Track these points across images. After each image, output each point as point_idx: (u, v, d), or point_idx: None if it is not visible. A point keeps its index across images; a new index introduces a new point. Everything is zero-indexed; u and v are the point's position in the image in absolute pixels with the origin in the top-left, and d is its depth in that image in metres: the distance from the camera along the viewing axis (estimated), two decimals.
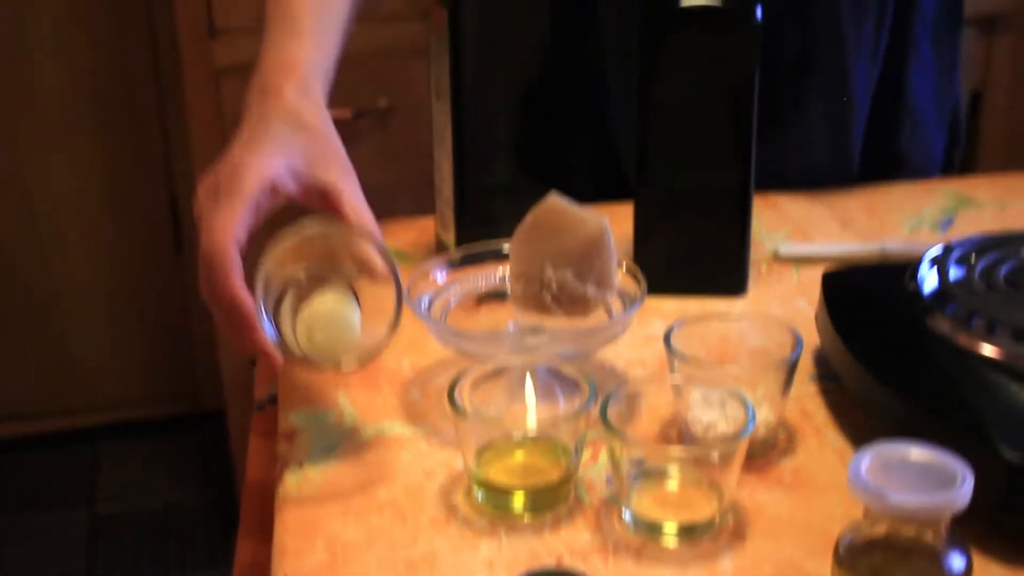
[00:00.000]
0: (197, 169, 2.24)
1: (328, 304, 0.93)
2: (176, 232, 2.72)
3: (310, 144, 0.98)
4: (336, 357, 0.93)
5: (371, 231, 0.94)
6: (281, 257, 0.92)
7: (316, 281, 0.95)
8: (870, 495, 0.72)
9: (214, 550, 2.55)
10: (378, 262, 0.93)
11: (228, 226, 0.90)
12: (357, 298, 0.95)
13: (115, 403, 2.86)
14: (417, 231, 1.32)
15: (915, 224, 1.33)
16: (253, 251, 0.93)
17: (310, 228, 0.93)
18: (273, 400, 1.26)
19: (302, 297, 0.94)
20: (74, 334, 2.79)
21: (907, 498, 0.71)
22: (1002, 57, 2.45)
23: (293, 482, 0.94)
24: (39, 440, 2.83)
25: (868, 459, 0.74)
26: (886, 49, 1.38)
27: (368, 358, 0.94)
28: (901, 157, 1.44)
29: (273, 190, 0.94)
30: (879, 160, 1.43)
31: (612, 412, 0.87)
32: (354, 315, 0.93)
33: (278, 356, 0.91)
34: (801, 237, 1.30)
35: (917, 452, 0.75)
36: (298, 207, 0.97)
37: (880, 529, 0.74)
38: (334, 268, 0.95)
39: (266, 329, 0.90)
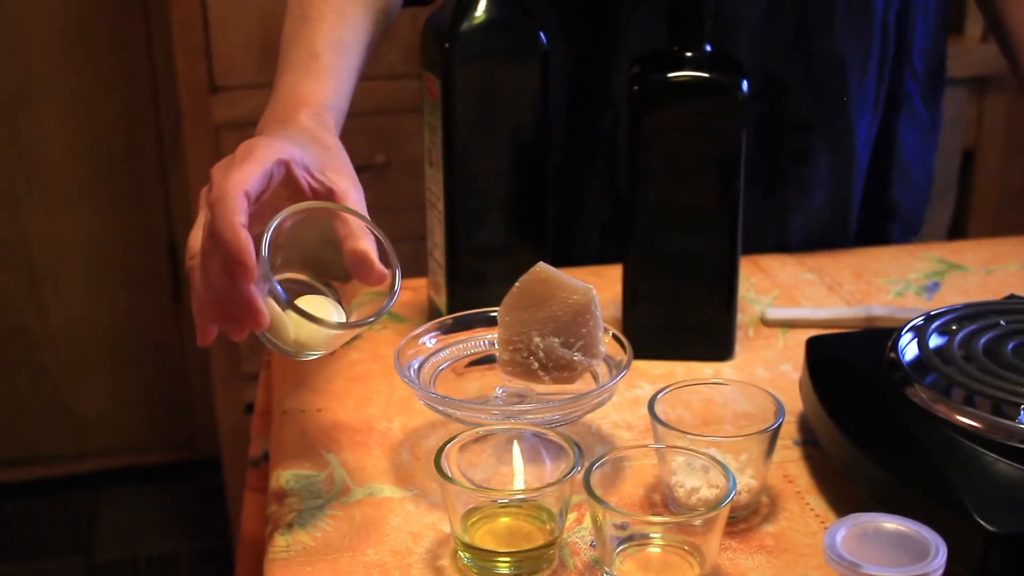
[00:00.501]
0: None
1: (320, 309, 0.94)
2: (175, 281, 2.74)
3: (325, 154, 0.99)
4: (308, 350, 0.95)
5: (370, 221, 0.94)
6: (283, 230, 0.92)
7: (304, 289, 0.96)
8: (845, 568, 0.74)
9: None
10: (375, 263, 0.93)
11: (240, 179, 0.89)
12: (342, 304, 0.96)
13: (113, 450, 2.87)
14: (410, 292, 1.34)
15: (902, 289, 1.35)
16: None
17: (310, 203, 0.93)
18: (267, 457, 1.27)
19: (293, 293, 0.94)
20: (72, 381, 2.81)
21: (882, 571, 0.73)
22: (994, 118, 2.48)
23: (282, 543, 0.96)
24: (37, 486, 2.84)
25: (844, 530, 0.76)
26: (883, 105, 1.41)
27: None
28: (893, 207, 1.47)
29: (287, 170, 0.94)
30: (873, 210, 1.46)
31: (596, 478, 0.89)
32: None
33: (263, 312, 0.89)
34: (788, 301, 1.32)
35: (892, 523, 0.77)
36: None
37: None
38: (327, 274, 0.97)
39: (275, 288, 0.89)
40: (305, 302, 0.94)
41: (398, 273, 0.94)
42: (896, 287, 1.35)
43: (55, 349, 2.77)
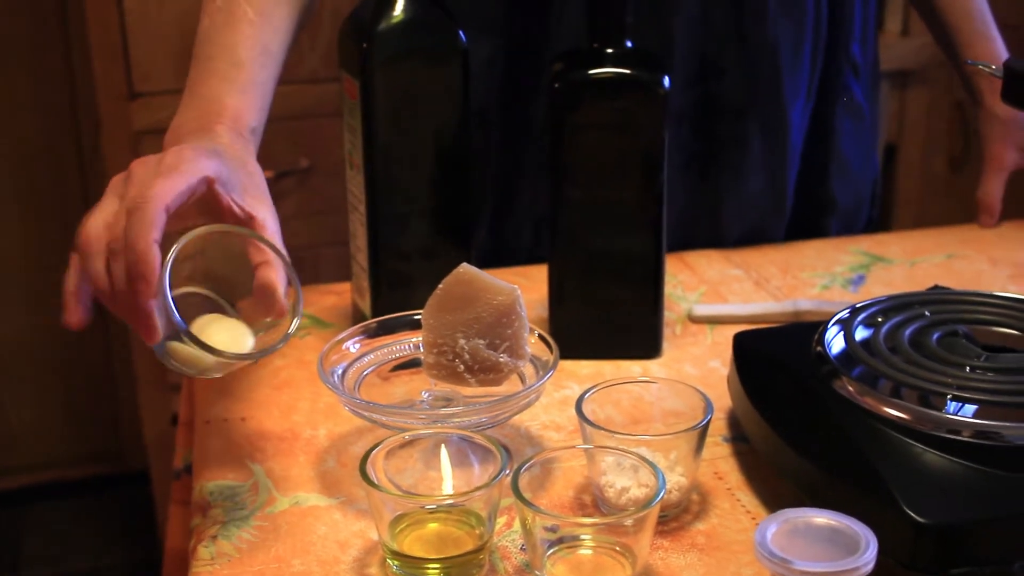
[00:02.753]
0: None
1: (230, 330, 0.93)
2: None
3: (247, 178, 0.99)
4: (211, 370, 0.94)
5: (284, 256, 0.94)
6: (191, 251, 0.92)
7: (209, 305, 0.95)
8: (776, 564, 0.73)
9: None
10: (279, 298, 0.93)
11: (164, 192, 0.89)
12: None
13: (39, 465, 2.83)
14: (335, 296, 1.32)
15: (828, 282, 1.35)
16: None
17: (224, 225, 0.93)
18: (188, 469, 1.25)
19: (196, 312, 0.94)
20: None
21: (812, 567, 0.72)
22: (916, 111, 2.50)
23: (206, 555, 0.94)
24: None
25: (774, 526, 0.76)
26: (817, 94, 1.41)
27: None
28: (831, 201, 1.47)
29: (208, 187, 0.93)
30: (810, 203, 1.46)
31: (524, 480, 0.88)
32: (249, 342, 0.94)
33: (157, 330, 0.88)
34: (715, 297, 1.32)
35: (822, 518, 0.76)
36: None
37: None
38: (219, 299, 0.96)
39: (169, 308, 0.88)
40: (213, 322, 0.93)
41: (300, 299, 0.94)
42: (822, 280, 1.35)
43: None
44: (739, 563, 0.91)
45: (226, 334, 0.93)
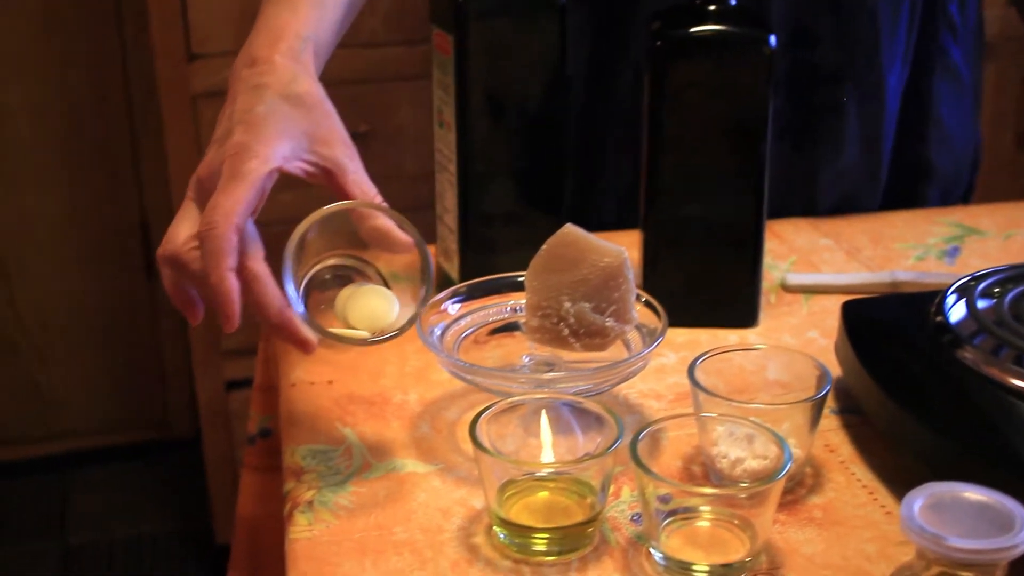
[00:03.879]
0: (175, 196, 2.20)
1: (370, 299, 0.91)
2: (147, 258, 2.68)
3: (310, 121, 0.95)
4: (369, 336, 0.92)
5: (382, 205, 0.91)
6: (308, 240, 0.90)
7: (348, 275, 0.94)
8: (926, 539, 0.69)
9: None
10: (397, 233, 0.90)
11: (232, 209, 0.87)
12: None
13: (84, 431, 2.81)
14: (414, 255, 1.29)
15: (922, 253, 1.31)
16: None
17: (320, 212, 0.90)
18: (264, 434, 1.23)
19: (337, 284, 0.93)
20: (43, 361, 2.74)
21: (967, 543, 0.69)
22: (984, 88, 2.45)
23: (304, 521, 0.91)
24: (6, 469, 2.77)
25: (921, 499, 0.72)
26: (914, 57, 1.37)
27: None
28: (929, 167, 1.43)
29: (279, 172, 0.92)
30: (907, 170, 1.42)
31: (639, 448, 0.84)
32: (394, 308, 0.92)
33: (312, 344, 0.88)
34: (807, 267, 1.28)
35: (972, 493, 0.72)
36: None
37: (932, 573, 0.71)
38: (360, 266, 0.94)
39: (294, 306, 0.87)
40: (356, 293, 0.92)
41: (429, 257, 0.92)
42: (916, 252, 1.31)
43: (24, 329, 2.70)
44: (860, 538, 0.87)
45: (371, 305, 0.90)
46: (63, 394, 2.77)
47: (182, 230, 0.91)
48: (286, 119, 0.93)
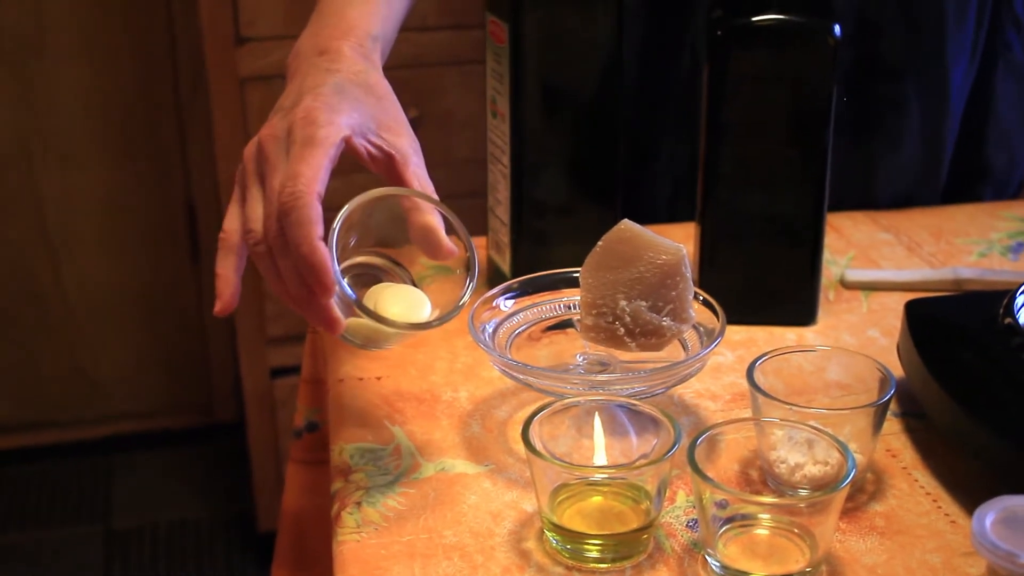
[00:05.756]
0: (222, 178, 2.19)
1: (401, 297, 0.89)
2: (194, 241, 2.67)
3: (379, 108, 0.93)
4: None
5: (436, 200, 0.89)
6: (354, 220, 0.87)
7: (376, 275, 0.91)
8: (1000, 556, 0.67)
9: (232, 565, 2.50)
10: (442, 238, 0.88)
11: (314, 177, 0.84)
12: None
13: (130, 414, 2.81)
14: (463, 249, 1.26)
15: (985, 249, 1.27)
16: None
17: (380, 190, 0.88)
18: (311, 428, 1.21)
19: (366, 283, 0.90)
20: (88, 344, 2.74)
21: None
22: None
23: (352, 522, 0.89)
24: (52, 451, 2.77)
25: (993, 514, 0.69)
26: (981, 52, 1.34)
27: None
28: (986, 167, 1.39)
29: (347, 144, 0.89)
30: (966, 168, 1.39)
31: (696, 453, 0.82)
32: (425, 307, 0.90)
33: (339, 322, 0.85)
34: (866, 262, 1.25)
35: None
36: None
37: None
38: (391, 267, 0.91)
39: (344, 290, 0.85)
40: (385, 291, 0.89)
41: (475, 256, 0.89)
42: (979, 248, 1.28)
43: (70, 311, 2.70)
44: (924, 548, 0.85)
45: (401, 304, 0.88)
46: (108, 377, 2.77)
47: (257, 212, 0.87)
48: (356, 99, 0.92)
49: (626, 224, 0.93)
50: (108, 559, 2.51)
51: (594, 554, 0.84)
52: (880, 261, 1.25)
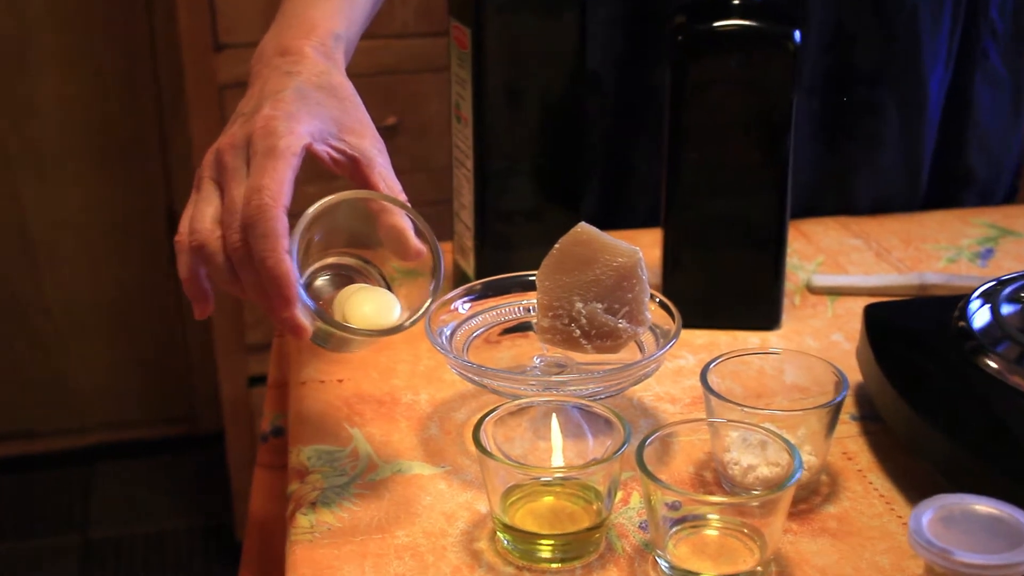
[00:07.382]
0: None
1: (370, 299, 0.88)
2: (173, 248, 2.66)
3: (341, 110, 0.92)
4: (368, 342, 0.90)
5: (403, 201, 0.89)
6: (315, 225, 0.87)
7: (348, 275, 0.91)
8: (935, 554, 0.67)
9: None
10: (411, 238, 0.87)
11: (279, 190, 0.84)
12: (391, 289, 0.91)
13: (110, 424, 2.80)
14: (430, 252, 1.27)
15: (954, 255, 1.28)
16: None
17: (343, 194, 0.87)
18: (277, 432, 1.21)
19: (340, 283, 0.90)
20: (68, 353, 2.73)
21: (975, 559, 0.66)
22: None
23: (306, 523, 0.89)
24: (31, 461, 2.76)
25: (930, 512, 0.69)
26: (956, 61, 1.34)
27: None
28: (968, 173, 1.40)
29: (308, 153, 0.89)
30: (946, 176, 1.39)
31: (648, 454, 0.82)
32: (395, 309, 0.89)
33: (305, 329, 0.84)
34: (834, 267, 1.25)
35: (983, 506, 0.70)
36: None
37: None
38: (362, 266, 0.91)
39: (303, 299, 0.84)
40: (356, 293, 0.89)
41: (441, 259, 0.88)
42: (947, 253, 1.28)
43: (50, 319, 2.69)
44: (875, 550, 0.85)
45: (370, 306, 0.87)
46: (89, 387, 2.76)
47: (207, 215, 0.87)
48: (317, 104, 0.91)
49: (583, 227, 0.94)
50: (85, 570, 2.50)
51: (545, 554, 0.84)
52: (848, 267, 1.25)
